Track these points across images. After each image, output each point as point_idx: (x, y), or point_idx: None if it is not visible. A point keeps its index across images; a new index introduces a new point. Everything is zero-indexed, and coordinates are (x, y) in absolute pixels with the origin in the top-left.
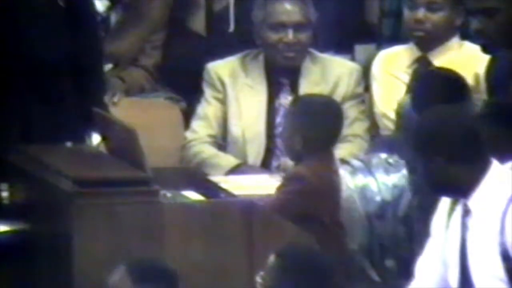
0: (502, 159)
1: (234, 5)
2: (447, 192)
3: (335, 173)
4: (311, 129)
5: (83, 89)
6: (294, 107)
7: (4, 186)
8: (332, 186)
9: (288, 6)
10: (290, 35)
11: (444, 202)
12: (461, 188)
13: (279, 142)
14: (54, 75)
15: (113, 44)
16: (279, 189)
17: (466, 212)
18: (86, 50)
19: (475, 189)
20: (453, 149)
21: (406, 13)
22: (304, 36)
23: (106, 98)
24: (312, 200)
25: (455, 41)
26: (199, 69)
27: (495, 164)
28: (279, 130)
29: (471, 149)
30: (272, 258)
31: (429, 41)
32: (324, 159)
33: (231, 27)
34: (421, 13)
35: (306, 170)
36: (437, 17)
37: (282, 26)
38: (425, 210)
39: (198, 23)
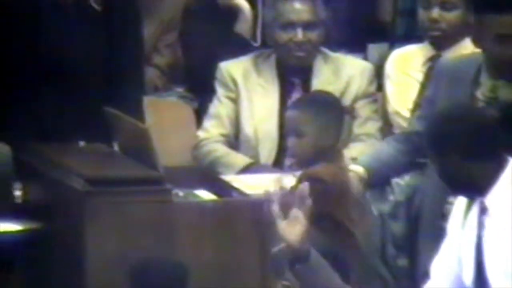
0: None
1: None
2: (463, 191)
3: (346, 171)
4: (331, 125)
5: (121, 93)
6: (296, 110)
7: (18, 185)
8: (345, 184)
9: (297, 5)
10: (299, 34)
11: (461, 201)
12: (477, 186)
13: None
14: (72, 74)
15: None
16: (293, 189)
17: (483, 210)
18: (124, 53)
19: (491, 187)
20: (468, 147)
21: (421, 12)
22: (314, 35)
23: None
24: (327, 199)
25: (469, 40)
26: (212, 68)
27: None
28: None
29: (487, 147)
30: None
31: (444, 40)
32: (335, 158)
33: (258, 41)
34: (436, 12)
35: (321, 170)
36: (452, 16)
37: (291, 26)
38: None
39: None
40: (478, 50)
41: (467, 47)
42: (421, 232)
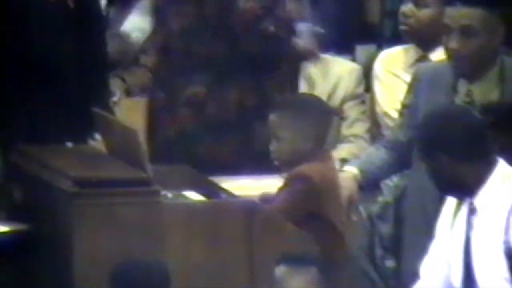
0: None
1: None
2: (453, 191)
3: (335, 171)
4: (310, 128)
5: (88, 91)
6: (274, 114)
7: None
8: (334, 185)
9: None
10: None
11: (450, 203)
12: (466, 187)
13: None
14: (58, 76)
15: (115, 44)
16: (281, 189)
17: (472, 211)
18: (92, 52)
19: (480, 187)
20: (458, 148)
21: (401, 8)
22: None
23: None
24: (316, 199)
25: None
26: None
27: (501, 163)
28: None
29: (476, 148)
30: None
31: (418, 36)
32: (323, 158)
33: None
34: (407, 7)
35: (308, 169)
36: (423, 13)
37: None
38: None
39: None
40: None
41: None
42: (408, 233)
